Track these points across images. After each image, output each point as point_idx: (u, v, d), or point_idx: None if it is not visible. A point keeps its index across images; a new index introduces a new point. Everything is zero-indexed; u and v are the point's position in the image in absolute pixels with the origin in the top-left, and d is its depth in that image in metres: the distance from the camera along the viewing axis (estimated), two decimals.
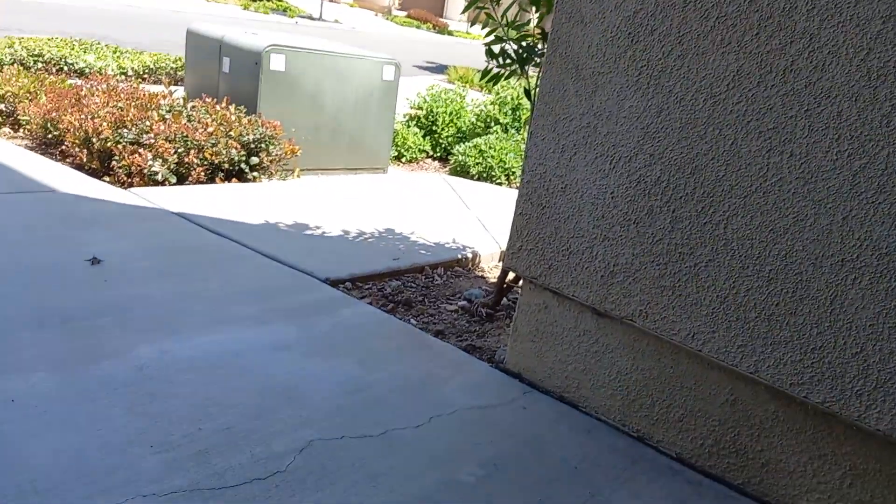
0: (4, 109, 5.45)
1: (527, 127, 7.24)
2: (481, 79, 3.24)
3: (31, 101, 5.33)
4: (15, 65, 7.01)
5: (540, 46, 3.09)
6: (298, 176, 5.37)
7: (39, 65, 7.42)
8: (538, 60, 3.06)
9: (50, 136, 4.98)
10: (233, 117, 4.88)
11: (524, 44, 3.08)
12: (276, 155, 4.98)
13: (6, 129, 5.37)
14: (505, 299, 3.31)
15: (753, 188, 1.87)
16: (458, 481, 1.87)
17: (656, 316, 2.09)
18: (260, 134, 4.85)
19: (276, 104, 5.29)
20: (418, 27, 28.67)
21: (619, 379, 2.26)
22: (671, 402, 2.15)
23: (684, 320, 2.03)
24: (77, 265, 2.89)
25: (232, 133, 4.74)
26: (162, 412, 1.98)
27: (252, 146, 4.84)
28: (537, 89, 2.34)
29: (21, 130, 5.33)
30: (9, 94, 5.43)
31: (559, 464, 2.03)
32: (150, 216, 3.71)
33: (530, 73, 3.17)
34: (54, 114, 4.88)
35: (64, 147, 4.79)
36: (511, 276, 3.19)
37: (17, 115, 5.28)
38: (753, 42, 1.84)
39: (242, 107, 5.15)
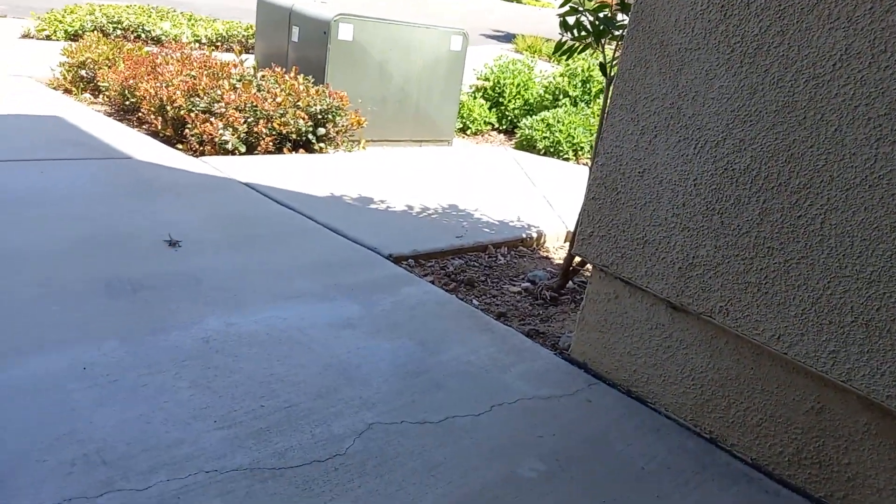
0: (86, 76, 5.63)
1: (597, 100, 6.97)
2: (554, 52, 3.09)
3: (110, 67, 5.48)
4: (95, 31, 7.24)
5: (619, 18, 2.91)
6: (364, 147, 5.35)
7: (118, 32, 7.64)
8: (616, 33, 2.89)
9: (127, 102, 5.11)
10: (301, 87, 4.88)
11: (601, 15, 2.91)
12: (343, 126, 4.97)
13: (87, 95, 5.55)
14: (570, 282, 3.20)
15: (858, 180, 1.69)
16: (519, 476, 1.81)
17: (738, 314, 1.95)
18: (327, 105, 4.84)
19: (344, 74, 5.26)
20: None
21: (693, 377, 2.14)
22: (749, 404, 2.02)
23: (770, 320, 1.88)
24: (149, 234, 2.95)
25: (300, 104, 4.74)
26: (226, 386, 1.99)
27: (319, 117, 4.83)
28: (614, 64, 2.20)
29: (101, 96, 5.50)
30: (90, 60, 5.60)
31: (625, 463, 1.94)
32: (219, 186, 3.76)
33: (606, 46, 3.00)
34: (131, 81, 5.00)
35: (140, 114, 4.92)
36: (578, 258, 3.08)
37: (97, 81, 5.45)
38: (866, 17, 1.65)
39: (310, 76, 5.14)
